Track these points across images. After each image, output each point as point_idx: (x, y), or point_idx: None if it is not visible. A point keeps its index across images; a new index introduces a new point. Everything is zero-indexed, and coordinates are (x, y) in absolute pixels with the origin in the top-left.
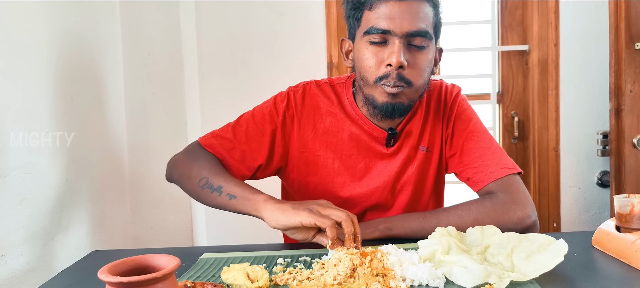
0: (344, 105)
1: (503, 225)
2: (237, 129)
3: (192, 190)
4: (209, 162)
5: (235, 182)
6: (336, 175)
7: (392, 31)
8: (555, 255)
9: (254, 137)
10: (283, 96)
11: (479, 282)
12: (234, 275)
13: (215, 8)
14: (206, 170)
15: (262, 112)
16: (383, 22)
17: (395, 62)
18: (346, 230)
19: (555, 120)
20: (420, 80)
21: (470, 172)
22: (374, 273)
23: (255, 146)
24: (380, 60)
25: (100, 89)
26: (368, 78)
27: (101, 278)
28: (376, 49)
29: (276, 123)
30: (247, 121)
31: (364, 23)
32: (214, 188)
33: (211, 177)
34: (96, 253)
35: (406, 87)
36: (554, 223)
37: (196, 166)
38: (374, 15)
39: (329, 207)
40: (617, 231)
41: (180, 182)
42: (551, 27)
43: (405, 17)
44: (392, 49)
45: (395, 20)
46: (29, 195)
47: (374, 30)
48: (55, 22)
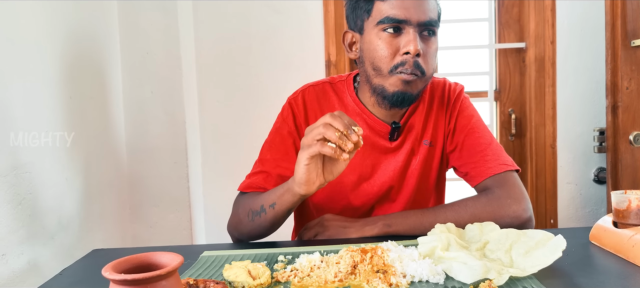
0: (346, 103)
1: (499, 220)
2: (263, 160)
3: (249, 229)
4: (249, 197)
5: (270, 192)
6: (343, 175)
7: (408, 20)
8: (554, 250)
9: (281, 157)
10: (286, 108)
11: (478, 278)
12: (235, 273)
13: (213, 7)
14: (248, 205)
15: (278, 132)
16: (398, 11)
17: (413, 49)
18: (332, 138)
19: (552, 117)
20: (431, 69)
21: (469, 167)
22: (374, 269)
23: (286, 165)
24: (395, 49)
25: (99, 88)
26: (382, 68)
27: (106, 276)
28: (391, 39)
29: (293, 135)
30: (268, 149)
31: (376, 13)
32: (259, 212)
33: (252, 205)
34: (97, 251)
35: (420, 76)
36: (551, 220)
37: (241, 209)
38: (388, 5)
39: (311, 132)
40: (614, 227)
41: (240, 231)
42: (548, 25)
43: (418, 7)
44: (408, 37)
45: (410, 10)
46: (29, 195)
47: (389, 19)
48: (54, 21)
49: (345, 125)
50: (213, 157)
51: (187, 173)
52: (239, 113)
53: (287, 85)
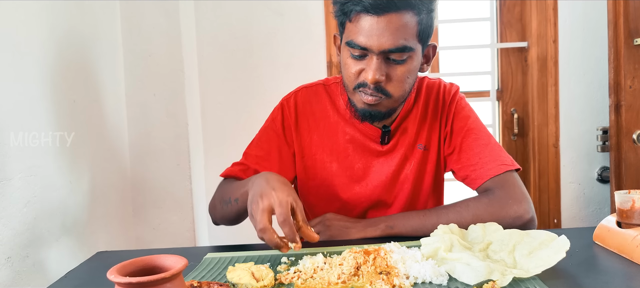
0: (338, 106)
1: (501, 221)
2: (247, 153)
3: (221, 215)
4: (226, 183)
5: (239, 184)
6: (335, 177)
7: (369, 48)
8: (557, 251)
9: (262, 156)
10: (278, 109)
11: (482, 279)
12: (239, 275)
13: (215, 9)
14: (222, 191)
15: (265, 131)
16: (361, 37)
17: (371, 79)
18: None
19: (555, 116)
20: (400, 91)
21: (469, 170)
22: (377, 271)
23: (265, 164)
24: (359, 70)
25: (102, 91)
26: (348, 85)
27: (111, 279)
28: (355, 61)
29: (278, 137)
30: (255, 144)
31: (346, 33)
32: (227, 202)
33: (224, 193)
34: (101, 254)
35: (384, 98)
36: (555, 219)
37: (217, 194)
38: (354, 28)
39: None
40: (618, 227)
41: (215, 215)
42: (550, 24)
43: (383, 33)
44: (370, 64)
45: (373, 37)
46: (33, 198)
47: (352, 44)
48: (56, 24)
49: (275, 243)
50: (216, 158)
51: (190, 174)
52: (241, 114)
53: (289, 87)
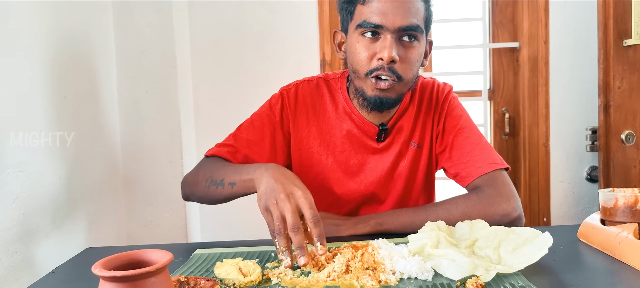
0: (337, 101)
1: (489, 218)
2: (237, 136)
3: (202, 194)
4: (213, 163)
5: (235, 168)
6: (330, 172)
7: (384, 26)
8: (540, 247)
9: (254, 141)
10: (277, 97)
11: (466, 274)
12: (226, 270)
13: (208, 6)
14: (210, 171)
15: (260, 116)
16: (375, 16)
17: (387, 56)
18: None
19: (545, 116)
20: (410, 74)
21: (459, 168)
22: (364, 266)
23: (257, 149)
24: (372, 53)
25: (94, 88)
26: (359, 71)
27: (95, 273)
28: (368, 43)
29: (274, 124)
30: (246, 128)
31: (357, 16)
32: (218, 183)
33: (214, 173)
34: (90, 250)
35: (397, 81)
36: (544, 218)
37: (201, 171)
38: (367, 9)
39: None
40: (602, 224)
41: (192, 191)
42: (541, 25)
43: (397, 12)
44: (384, 43)
45: (388, 15)
46: (23, 193)
47: (366, 24)
48: (48, 21)
49: (301, 245)
50: None
51: (182, 172)
52: (234, 112)
53: (282, 85)
